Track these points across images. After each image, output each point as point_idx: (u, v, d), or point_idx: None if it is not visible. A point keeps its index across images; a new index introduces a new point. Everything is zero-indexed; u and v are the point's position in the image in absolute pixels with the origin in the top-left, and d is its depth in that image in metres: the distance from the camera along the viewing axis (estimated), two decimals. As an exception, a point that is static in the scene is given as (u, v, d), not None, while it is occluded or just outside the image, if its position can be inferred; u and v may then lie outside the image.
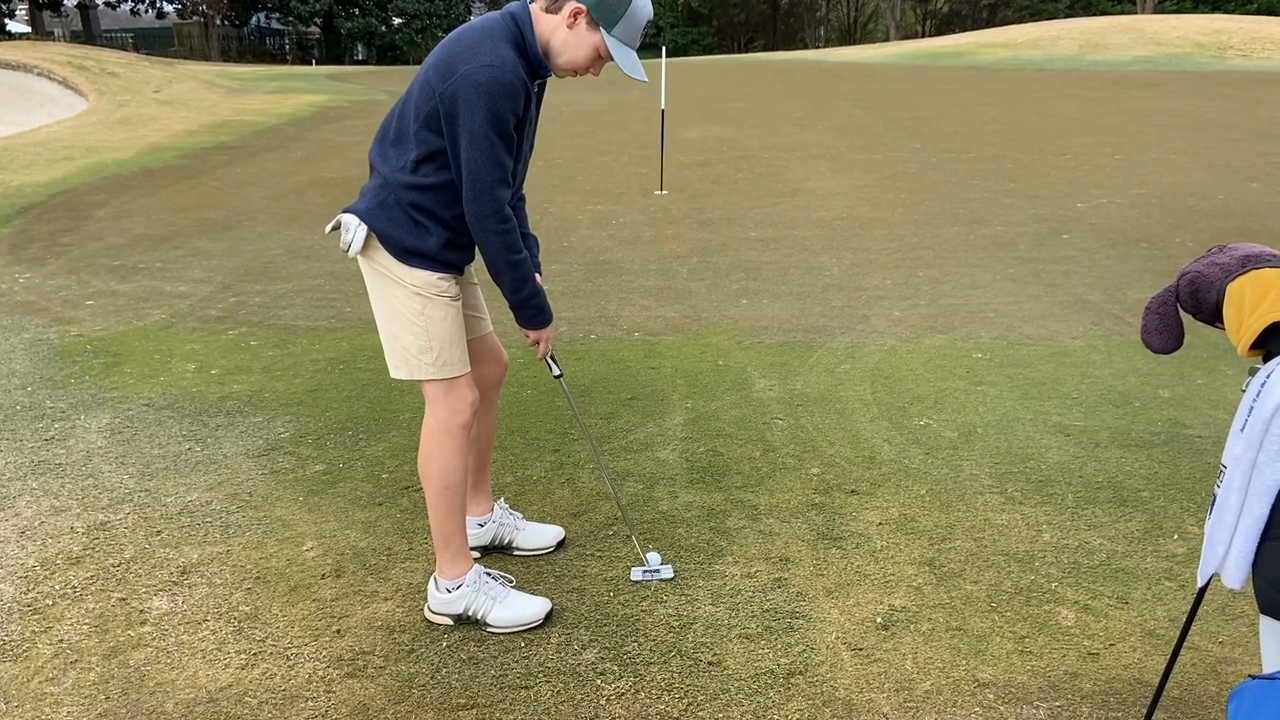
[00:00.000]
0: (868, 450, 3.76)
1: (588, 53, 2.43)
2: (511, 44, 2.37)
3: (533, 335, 2.68)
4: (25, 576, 2.95)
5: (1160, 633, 2.60)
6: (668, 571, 2.94)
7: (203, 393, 4.47)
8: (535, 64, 2.43)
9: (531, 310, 2.60)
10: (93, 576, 2.95)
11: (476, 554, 2.95)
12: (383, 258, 2.49)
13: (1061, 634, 2.61)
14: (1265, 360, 1.88)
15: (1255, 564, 1.85)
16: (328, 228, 2.57)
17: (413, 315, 2.51)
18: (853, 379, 4.52)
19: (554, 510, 3.32)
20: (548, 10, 2.41)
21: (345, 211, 2.51)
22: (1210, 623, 2.64)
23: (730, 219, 8.20)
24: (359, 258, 2.52)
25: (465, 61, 2.31)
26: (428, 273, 2.49)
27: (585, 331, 5.33)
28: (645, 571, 2.94)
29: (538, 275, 2.67)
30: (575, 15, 2.39)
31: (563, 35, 2.41)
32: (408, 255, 2.47)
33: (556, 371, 2.83)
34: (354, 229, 2.46)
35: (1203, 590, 2.00)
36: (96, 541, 3.15)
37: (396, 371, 2.60)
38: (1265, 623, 1.88)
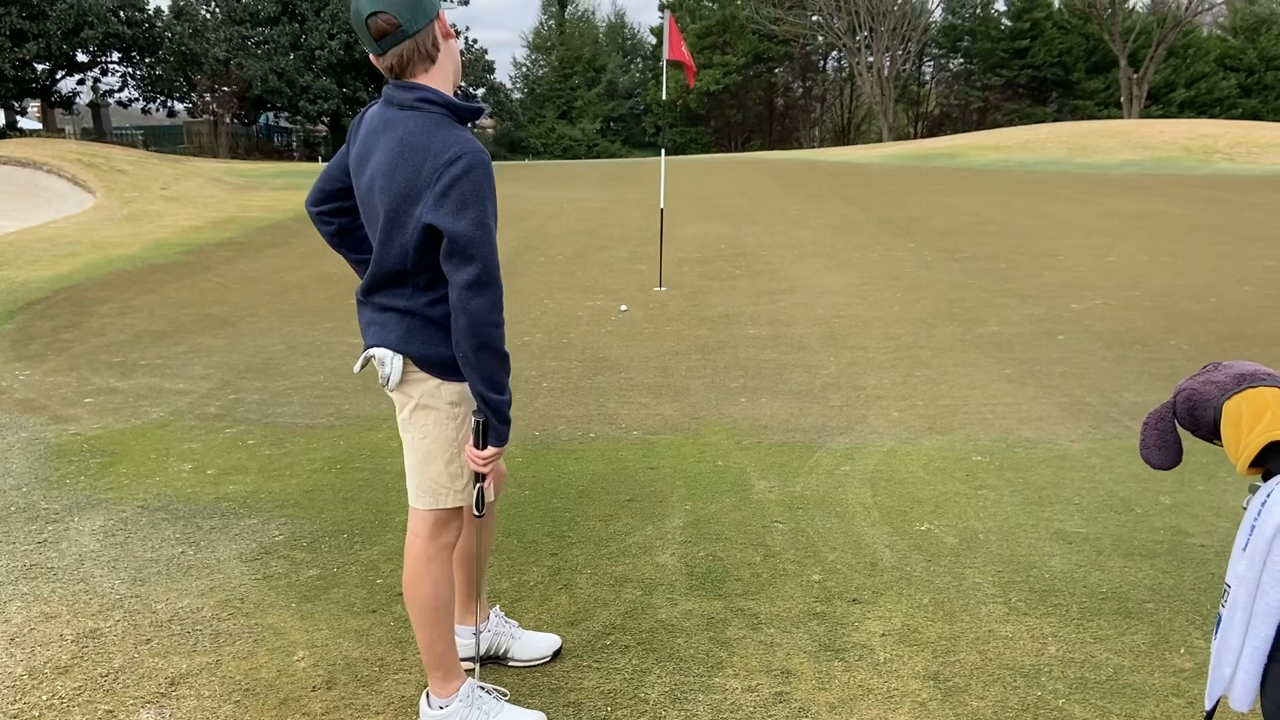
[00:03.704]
0: (869, 556, 3.73)
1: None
2: (448, 125, 2.27)
3: (492, 454, 2.42)
4: (13, 686, 2.89)
5: (1172, 753, 2.54)
6: None
7: (198, 493, 4.45)
8: (473, 114, 2.36)
9: (508, 417, 2.40)
10: (80, 687, 2.88)
11: (469, 665, 2.89)
12: (419, 383, 2.43)
13: (1071, 753, 2.54)
14: (1265, 479, 1.89)
15: (1263, 686, 1.82)
16: (356, 367, 2.52)
17: (447, 442, 2.46)
18: (853, 481, 4.51)
19: (551, 617, 3.28)
20: (434, 61, 2.31)
21: (373, 346, 2.44)
22: (1222, 742, 2.58)
23: (729, 316, 8.29)
24: (395, 392, 2.48)
25: (430, 175, 2.22)
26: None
27: (584, 430, 5.34)
28: None
29: None
30: (445, 33, 2.33)
31: (452, 52, 2.37)
32: (449, 370, 2.39)
33: (479, 512, 2.55)
34: (389, 361, 2.40)
35: (1210, 713, 1.97)
36: (85, 650, 3.09)
37: (419, 501, 2.53)
38: (1277, 748, 1.84)
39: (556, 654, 3.03)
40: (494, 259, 2.26)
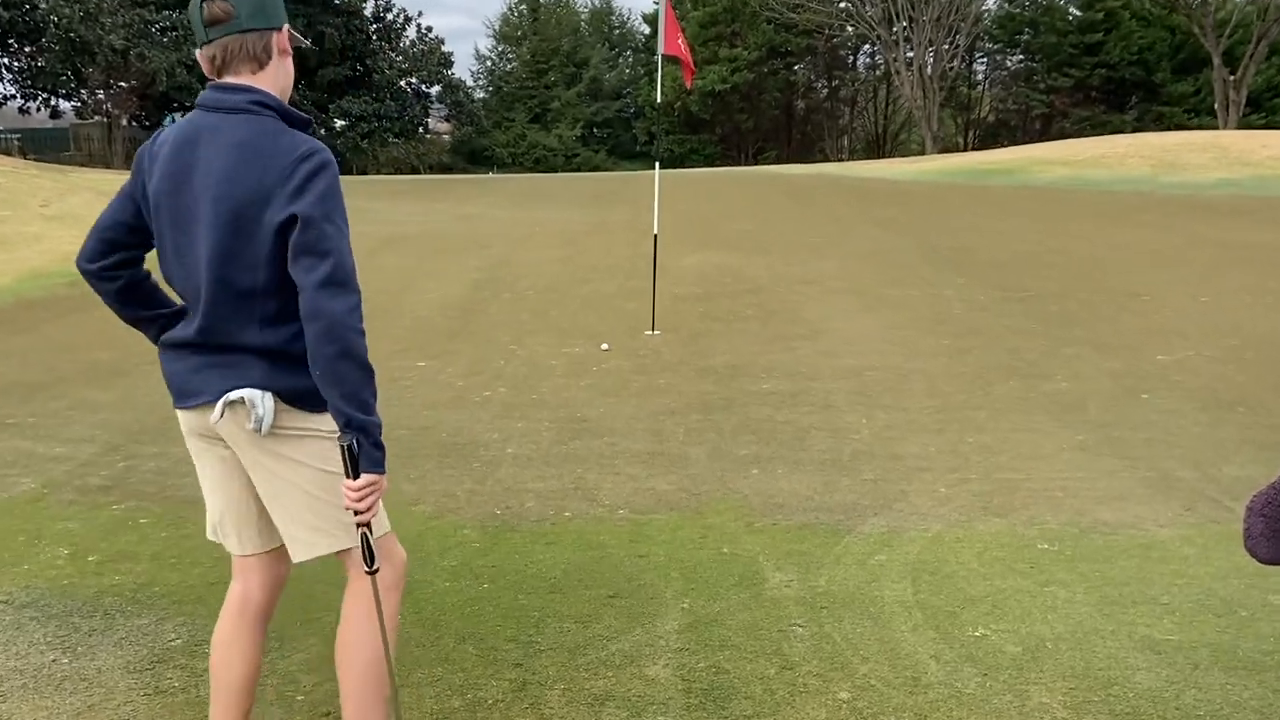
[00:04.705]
0: (910, 669, 3.71)
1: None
2: (290, 129, 2.55)
3: (374, 481, 2.55)
4: None
5: None
6: None
7: (76, 586, 4.42)
8: (304, 124, 2.62)
9: (380, 440, 2.54)
10: (-83, 833, 2.84)
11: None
12: (296, 419, 2.59)
13: None
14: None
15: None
16: (213, 417, 2.60)
17: (339, 464, 2.56)
18: (890, 574, 4.51)
19: (514, 746, 3.25)
20: (262, 67, 2.58)
21: (233, 389, 2.55)
22: None
23: (737, 367, 8.33)
24: (265, 438, 2.59)
25: (282, 173, 2.43)
26: None
27: (558, 509, 5.33)
28: None
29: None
30: (283, 49, 2.62)
31: (286, 70, 2.65)
32: (324, 402, 2.52)
33: (370, 567, 2.69)
34: (259, 402, 2.53)
35: None
36: (-74, 785, 3.05)
37: (335, 545, 2.72)
38: None
39: None
40: (350, 260, 2.47)
